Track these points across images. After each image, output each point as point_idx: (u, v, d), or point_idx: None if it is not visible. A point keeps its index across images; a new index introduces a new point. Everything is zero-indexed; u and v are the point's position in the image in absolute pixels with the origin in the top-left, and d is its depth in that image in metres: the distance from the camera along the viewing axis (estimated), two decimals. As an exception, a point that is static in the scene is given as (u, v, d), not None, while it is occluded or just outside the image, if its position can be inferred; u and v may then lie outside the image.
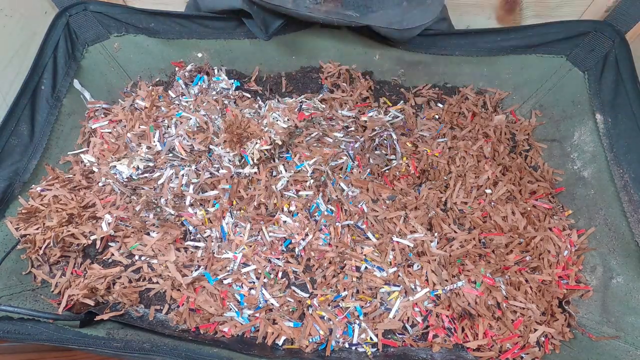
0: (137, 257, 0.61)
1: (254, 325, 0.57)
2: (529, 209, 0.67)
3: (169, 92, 0.76)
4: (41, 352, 0.77)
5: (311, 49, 0.78)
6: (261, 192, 0.66)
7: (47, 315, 0.50)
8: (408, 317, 0.58)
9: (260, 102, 0.76)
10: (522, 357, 0.57)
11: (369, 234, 0.64)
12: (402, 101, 0.80)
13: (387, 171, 0.71)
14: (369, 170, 0.70)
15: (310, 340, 0.56)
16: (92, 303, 0.57)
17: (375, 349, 0.56)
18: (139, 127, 0.71)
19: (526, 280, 0.61)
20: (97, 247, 0.61)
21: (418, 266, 0.61)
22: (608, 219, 0.63)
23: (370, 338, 0.57)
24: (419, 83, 0.82)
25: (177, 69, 0.79)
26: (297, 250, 0.63)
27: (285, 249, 0.63)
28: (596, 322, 0.59)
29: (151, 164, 0.68)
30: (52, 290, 0.58)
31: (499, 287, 0.60)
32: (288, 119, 0.70)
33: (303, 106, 0.76)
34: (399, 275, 0.60)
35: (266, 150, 0.68)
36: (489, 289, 0.60)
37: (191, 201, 0.65)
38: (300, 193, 0.68)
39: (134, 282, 0.59)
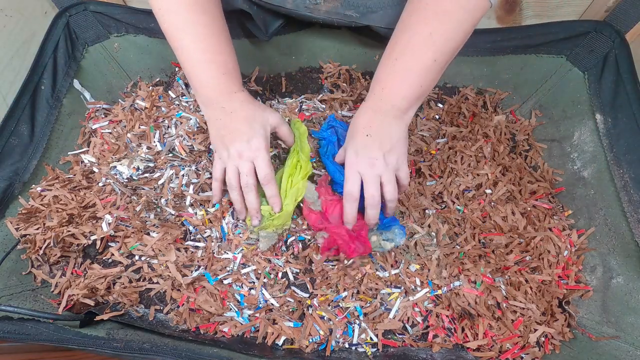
0: (137, 257, 0.61)
1: (254, 325, 0.57)
2: (529, 209, 0.67)
3: (169, 92, 0.76)
4: (41, 352, 0.77)
5: (311, 49, 0.78)
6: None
7: (47, 315, 0.50)
8: (408, 317, 0.58)
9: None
10: (522, 357, 0.57)
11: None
12: (402, 101, 0.80)
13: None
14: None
15: (310, 340, 0.56)
16: (92, 303, 0.57)
17: (375, 349, 0.56)
18: (139, 128, 0.71)
19: (526, 281, 0.61)
20: (97, 247, 0.61)
21: (415, 267, 0.61)
22: (608, 219, 0.63)
23: (370, 338, 0.57)
24: (419, 83, 0.81)
25: (177, 69, 0.79)
26: (296, 247, 0.63)
27: (285, 249, 0.63)
28: (596, 322, 0.59)
29: (151, 164, 0.68)
30: (52, 290, 0.58)
31: (499, 287, 0.60)
32: (288, 120, 0.70)
33: (303, 106, 0.76)
34: (399, 276, 0.60)
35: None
36: (489, 288, 0.60)
37: (191, 201, 0.65)
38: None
39: (134, 282, 0.59)
